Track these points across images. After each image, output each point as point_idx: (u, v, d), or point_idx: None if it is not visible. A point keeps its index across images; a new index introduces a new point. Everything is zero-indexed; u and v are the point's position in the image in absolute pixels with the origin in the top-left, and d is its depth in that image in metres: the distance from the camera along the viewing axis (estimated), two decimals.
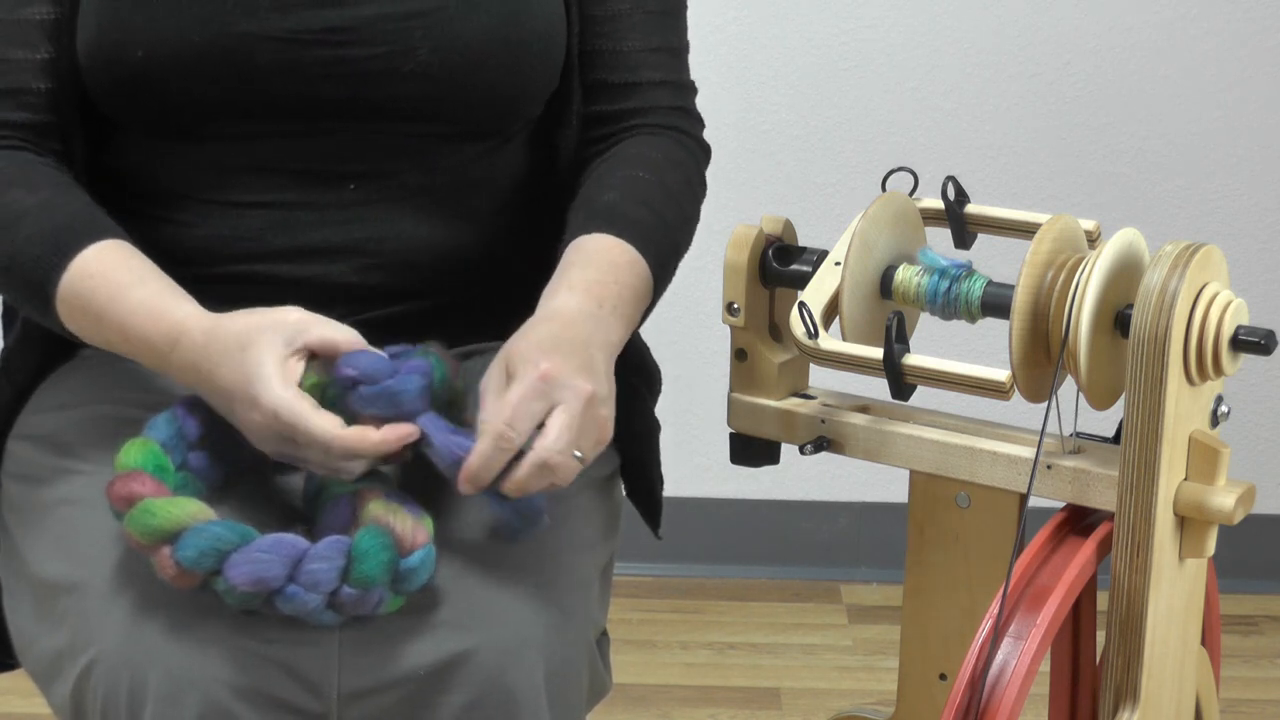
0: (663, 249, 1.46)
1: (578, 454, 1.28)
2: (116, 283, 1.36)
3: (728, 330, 1.55)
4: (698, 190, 1.55)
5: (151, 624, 1.27)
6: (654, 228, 1.46)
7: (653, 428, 1.60)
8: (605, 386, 1.31)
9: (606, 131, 1.53)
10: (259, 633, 1.26)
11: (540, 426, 1.28)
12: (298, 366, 1.30)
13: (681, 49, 1.57)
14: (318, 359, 1.32)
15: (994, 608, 1.34)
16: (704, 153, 1.58)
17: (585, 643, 1.36)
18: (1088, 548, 1.38)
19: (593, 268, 1.40)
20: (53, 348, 1.51)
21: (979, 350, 1.87)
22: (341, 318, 1.44)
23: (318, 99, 1.41)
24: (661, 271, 1.46)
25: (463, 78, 1.42)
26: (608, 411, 1.31)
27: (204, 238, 1.45)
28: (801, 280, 1.49)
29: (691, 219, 1.53)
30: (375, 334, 1.37)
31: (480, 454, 1.27)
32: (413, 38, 1.41)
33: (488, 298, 1.51)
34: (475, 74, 1.43)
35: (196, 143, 1.44)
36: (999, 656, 1.33)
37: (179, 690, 1.24)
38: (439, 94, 1.42)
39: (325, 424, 1.28)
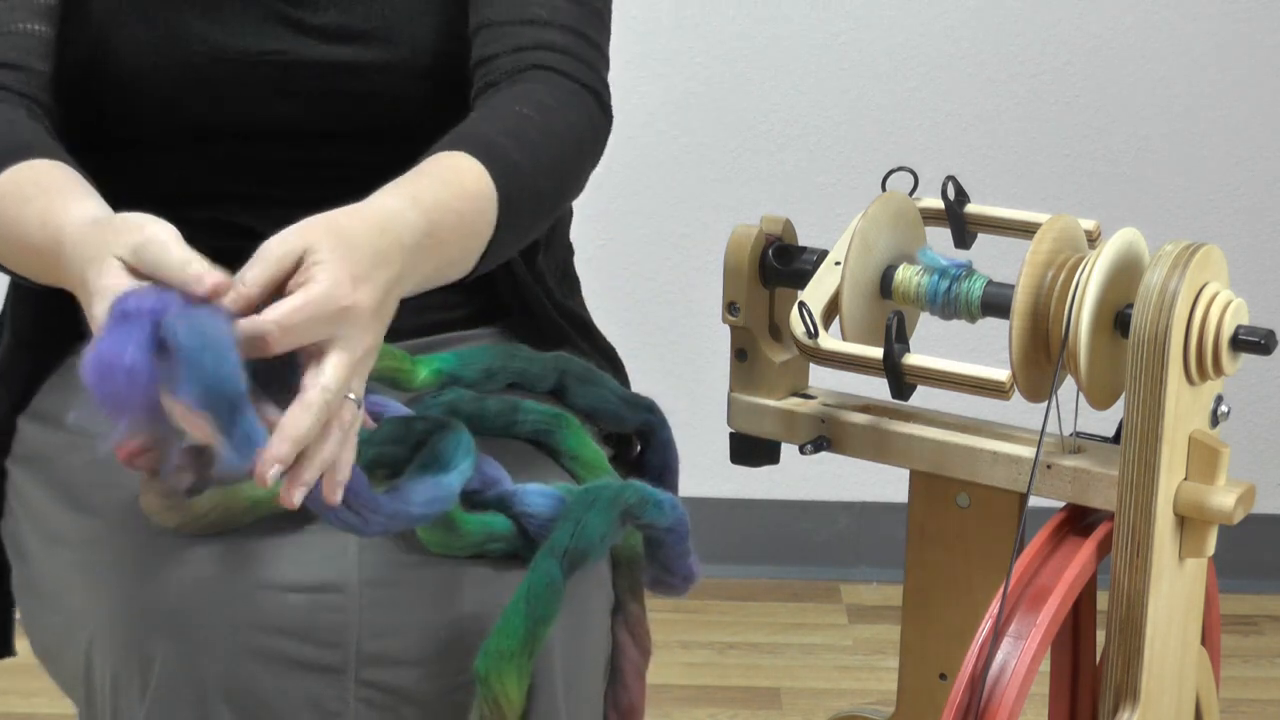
0: (522, 188, 1.31)
1: (351, 396, 1.16)
2: (20, 196, 1.27)
3: (728, 330, 1.55)
4: (585, 148, 1.41)
5: (160, 589, 1.26)
6: (517, 164, 1.32)
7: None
8: (379, 329, 1.17)
9: (501, 72, 1.42)
10: (272, 592, 1.25)
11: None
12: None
13: (591, 10, 1.46)
14: None
15: (994, 608, 1.34)
16: (603, 113, 1.44)
17: (603, 623, 1.36)
18: (1088, 548, 1.38)
19: (440, 182, 1.26)
20: (45, 355, 1.51)
21: (979, 350, 1.86)
22: None
23: (263, 117, 1.44)
24: (511, 210, 1.30)
25: (404, 85, 1.44)
26: (373, 362, 1.19)
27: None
28: (801, 280, 1.49)
29: (569, 172, 1.38)
30: None
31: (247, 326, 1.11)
32: (358, 57, 1.44)
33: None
34: (419, 79, 1.45)
35: (157, 151, 1.45)
36: (999, 656, 1.33)
37: (194, 657, 1.24)
38: (381, 103, 1.44)
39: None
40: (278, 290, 1.13)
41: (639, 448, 1.55)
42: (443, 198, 1.25)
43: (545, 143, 1.35)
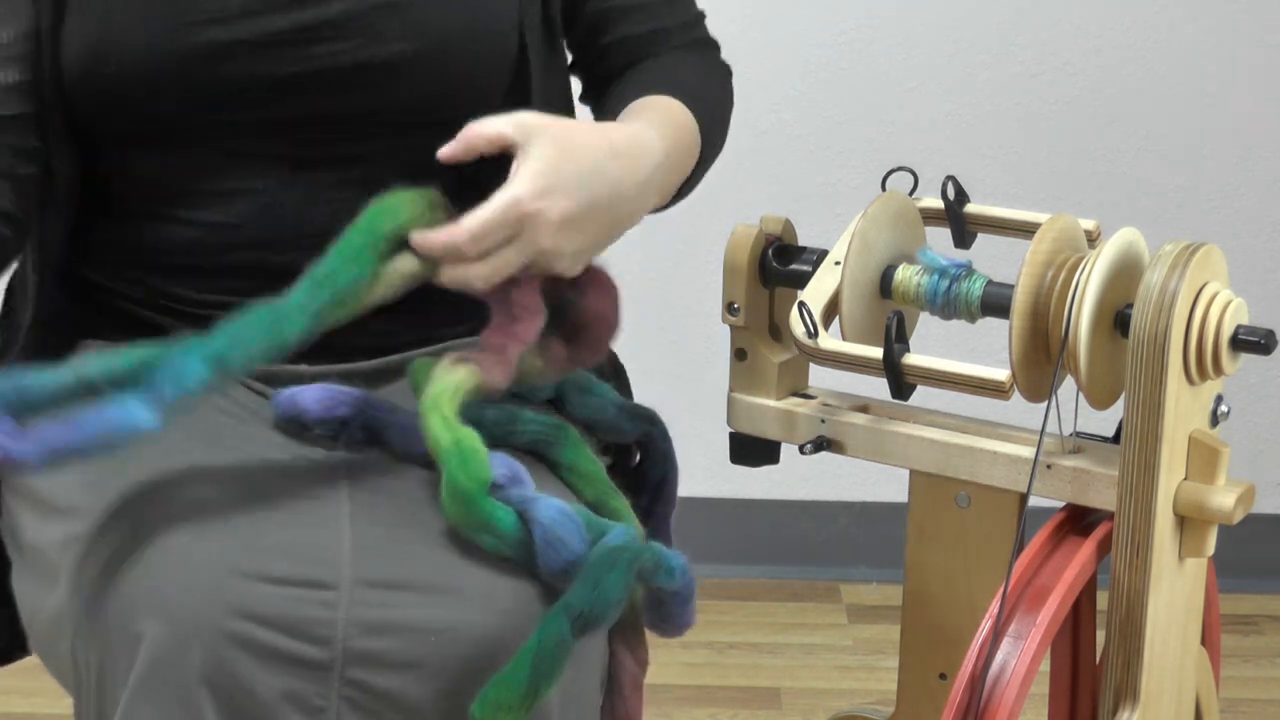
0: (708, 127, 1.49)
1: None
2: None
3: (728, 330, 1.55)
4: (729, 96, 1.59)
5: (147, 576, 1.26)
6: (704, 110, 1.49)
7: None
8: (585, 241, 1.35)
9: (630, 63, 1.55)
10: (262, 584, 1.26)
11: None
12: None
13: None
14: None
15: (994, 608, 1.34)
16: (728, 71, 1.61)
17: (600, 636, 1.36)
18: (1087, 547, 1.39)
19: (667, 117, 1.44)
20: (39, 356, 1.51)
21: (979, 350, 1.87)
22: None
23: (288, 98, 1.43)
24: (706, 146, 1.49)
25: (434, 66, 1.44)
26: (565, 265, 1.35)
27: (195, 232, 1.46)
28: (801, 280, 1.49)
29: (722, 113, 1.56)
30: (364, 319, 1.39)
31: (438, 240, 1.32)
32: (383, 30, 1.42)
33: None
34: (446, 61, 1.44)
35: (174, 146, 1.45)
36: (999, 656, 1.33)
37: (179, 642, 1.24)
38: (410, 83, 1.44)
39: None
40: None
41: (638, 457, 1.55)
42: (673, 129, 1.43)
43: (712, 95, 1.54)
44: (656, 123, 1.42)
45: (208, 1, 1.41)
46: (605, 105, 1.52)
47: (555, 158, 1.32)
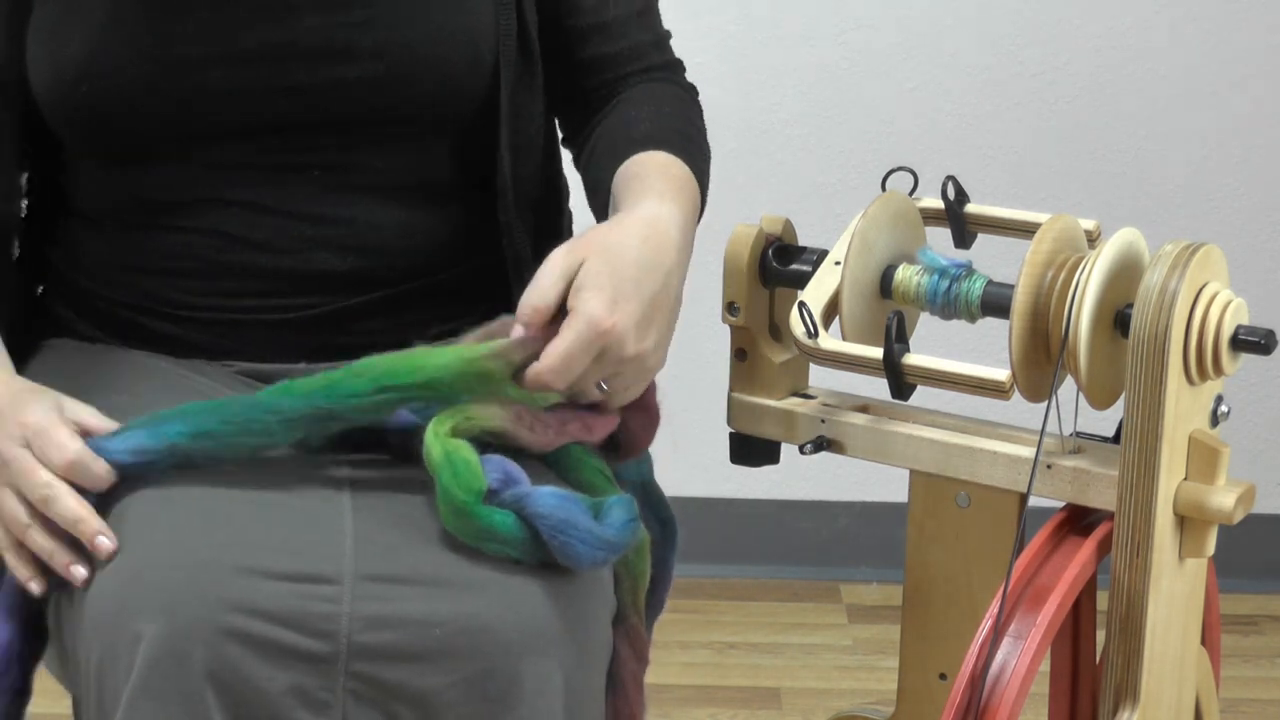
0: (700, 170, 1.51)
1: (603, 386, 1.36)
2: None
3: (728, 330, 1.55)
4: (701, 116, 1.61)
5: (145, 574, 1.26)
6: (692, 151, 1.51)
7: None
8: (661, 333, 1.36)
9: (607, 81, 1.57)
10: (264, 580, 1.26)
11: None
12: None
13: (651, 6, 1.62)
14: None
15: (994, 608, 1.34)
16: (696, 92, 1.63)
17: (606, 630, 1.36)
18: (1088, 547, 1.39)
19: (667, 178, 1.44)
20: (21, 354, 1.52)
21: (979, 350, 1.86)
22: (323, 304, 1.46)
23: (263, 113, 1.44)
24: (703, 183, 1.51)
25: (408, 80, 1.45)
26: (655, 361, 1.37)
27: (185, 238, 1.47)
28: (801, 280, 1.49)
29: (707, 148, 1.58)
30: (353, 321, 1.41)
31: (531, 380, 1.33)
32: (356, 47, 1.44)
33: (457, 284, 1.52)
34: (421, 76, 1.45)
35: (154, 161, 1.46)
36: (999, 656, 1.33)
37: (180, 639, 1.24)
38: (385, 97, 1.45)
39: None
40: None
41: None
42: (674, 184, 1.44)
43: (690, 126, 1.55)
44: (658, 187, 1.43)
45: (177, 20, 1.42)
46: (587, 154, 1.54)
47: (605, 268, 1.33)
